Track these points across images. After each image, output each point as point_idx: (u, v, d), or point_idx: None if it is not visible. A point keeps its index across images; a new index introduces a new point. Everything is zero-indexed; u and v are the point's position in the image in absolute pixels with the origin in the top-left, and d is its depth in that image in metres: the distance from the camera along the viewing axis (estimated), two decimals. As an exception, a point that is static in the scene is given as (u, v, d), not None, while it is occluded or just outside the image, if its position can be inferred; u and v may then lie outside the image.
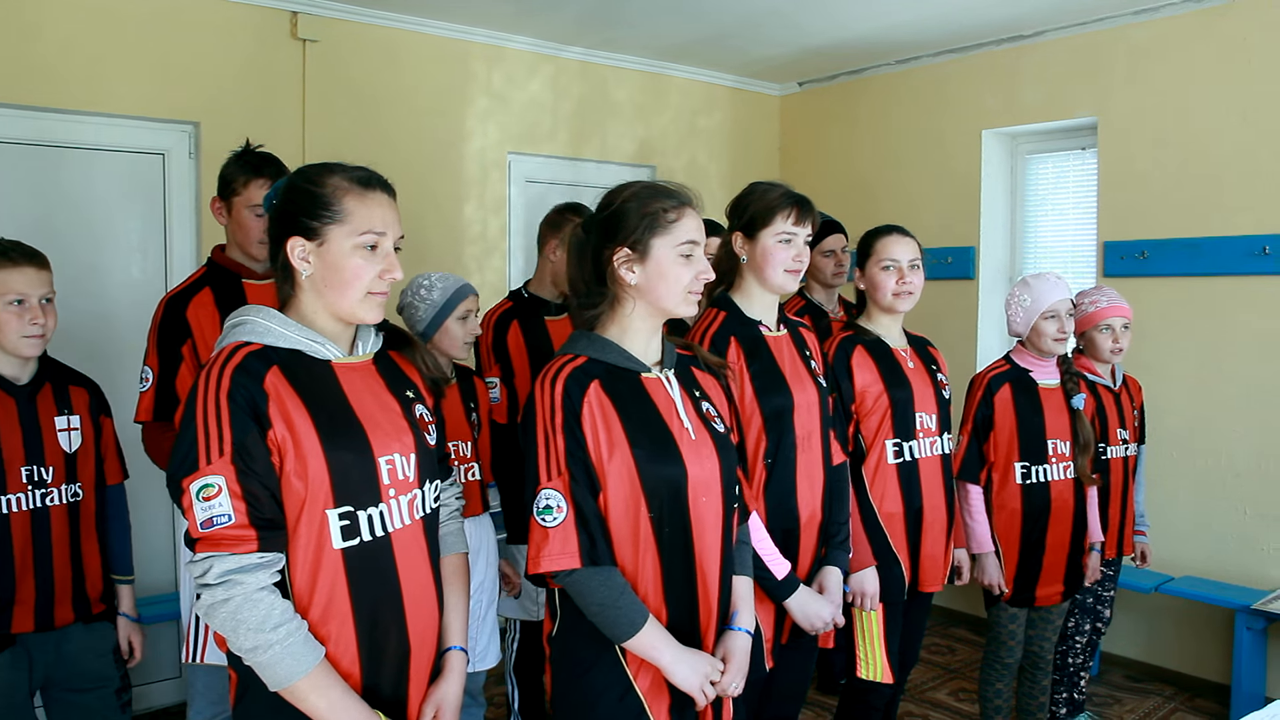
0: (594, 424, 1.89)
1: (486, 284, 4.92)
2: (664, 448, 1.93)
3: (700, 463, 1.96)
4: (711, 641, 1.99)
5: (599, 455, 1.89)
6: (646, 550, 1.91)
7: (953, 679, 4.56)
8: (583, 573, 1.86)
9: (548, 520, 1.86)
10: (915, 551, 2.90)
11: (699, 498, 1.94)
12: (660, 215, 1.96)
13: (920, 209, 5.28)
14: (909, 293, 2.89)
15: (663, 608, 1.92)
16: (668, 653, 1.88)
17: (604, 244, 1.99)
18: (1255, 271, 4.20)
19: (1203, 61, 4.35)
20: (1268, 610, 3.92)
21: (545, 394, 1.91)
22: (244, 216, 2.73)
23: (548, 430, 1.89)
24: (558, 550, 1.85)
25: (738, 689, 2.00)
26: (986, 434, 3.26)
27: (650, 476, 1.90)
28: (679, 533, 1.93)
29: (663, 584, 1.92)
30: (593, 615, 1.88)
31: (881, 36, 5.00)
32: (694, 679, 1.90)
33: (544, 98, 5.13)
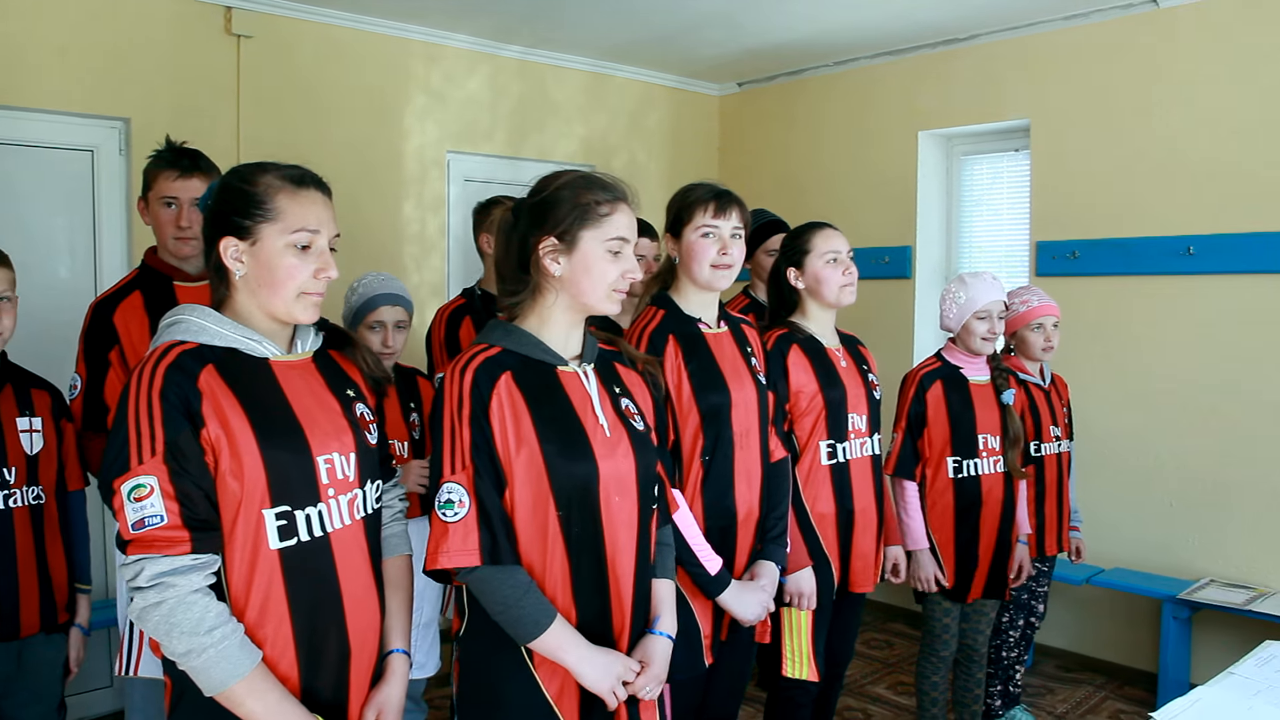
0: (502, 417, 1.84)
1: (425, 283, 4.89)
2: (575, 444, 1.87)
3: (614, 461, 1.91)
4: (627, 644, 1.95)
5: (506, 449, 1.83)
6: (554, 549, 1.85)
7: (891, 673, 4.62)
8: (484, 571, 1.81)
9: (448, 515, 1.80)
10: (846, 552, 2.93)
11: (611, 497, 1.89)
12: (592, 207, 1.91)
13: (857, 209, 5.35)
14: (853, 284, 2.92)
15: (572, 608, 1.87)
16: (575, 653, 1.83)
17: (531, 231, 1.94)
18: (1180, 271, 4.32)
19: (1130, 66, 4.46)
20: (1192, 600, 4.04)
21: (454, 384, 1.86)
22: (157, 210, 2.66)
23: (454, 421, 1.83)
24: (457, 546, 1.79)
25: (652, 694, 1.96)
26: (920, 430, 3.30)
27: (559, 473, 1.85)
28: (589, 532, 1.87)
29: (572, 584, 1.87)
30: (496, 615, 1.82)
31: (819, 38, 5.05)
32: (604, 680, 1.85)
33: (483, 96, 5.11)
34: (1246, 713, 1.98)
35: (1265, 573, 4.15)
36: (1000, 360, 3.46)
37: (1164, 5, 4.33)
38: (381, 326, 3.05)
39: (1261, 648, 2.33)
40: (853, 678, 4.49)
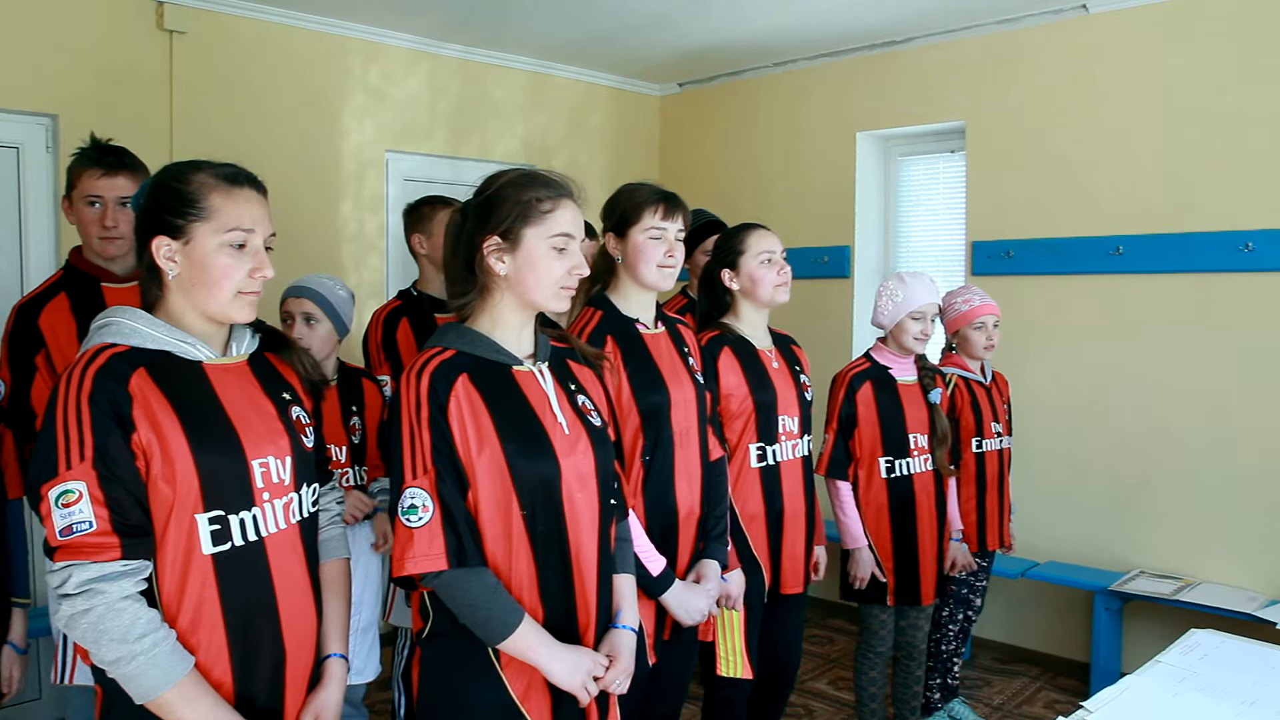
0: (462, 419, 1.83)
1: (364, 284, 4.84)
2: (536, 443, 1.88)
3: (575, 458, 1.91)
4: (593, 640, 1.95)
5: (468, 451, 1.82)
6: (520, 548, 1.85)
7: (832, 668, 4.66)
8: (451, 574, 1.80)
9: (413, 520, 1.79)
10: (776, 554, 2.95)
11: (574, 494, 1.90)
12: (534, 204, 1.91)
13: (796, 208, 5.40)
14: (788, 283, 2.95)
15: (539, 607, 1.87)
16: (544, 651, 1.84)
17: (476, 231, 1.93)
18: (1110, 270, 4.42)
19: (1061, 70, 4.55)
20: (1123, 591, 4.13)
21: (410, 389, 1.84)
22: (81, 210, 2.60)
23: (413, 426, 1.82)
24: (423, 551, 1.78)
25: (622, 687, 1.97)
26: (851, 431, 3.33)
27: (522, 473, 1.85)
28: (553, 530, 1.88)
29: (538, 583, 1.87)
30: (464, 617, 1.82)
31: (758, 39, 5.08)
32: (574, 677, 1.86)
33: (422, 95, 5.07)
34: (1172, 699, 2.03)
35: (1193, 564, 4.26)
36: (927, 359, 3.50)
37: (1094, 11, 4.43)
38: (290, 319, 3.01)
39: (1187, 636, 2.39)
40: (794, 674, 4.54)
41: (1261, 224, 4.03)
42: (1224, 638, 2.40)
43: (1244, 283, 4.09)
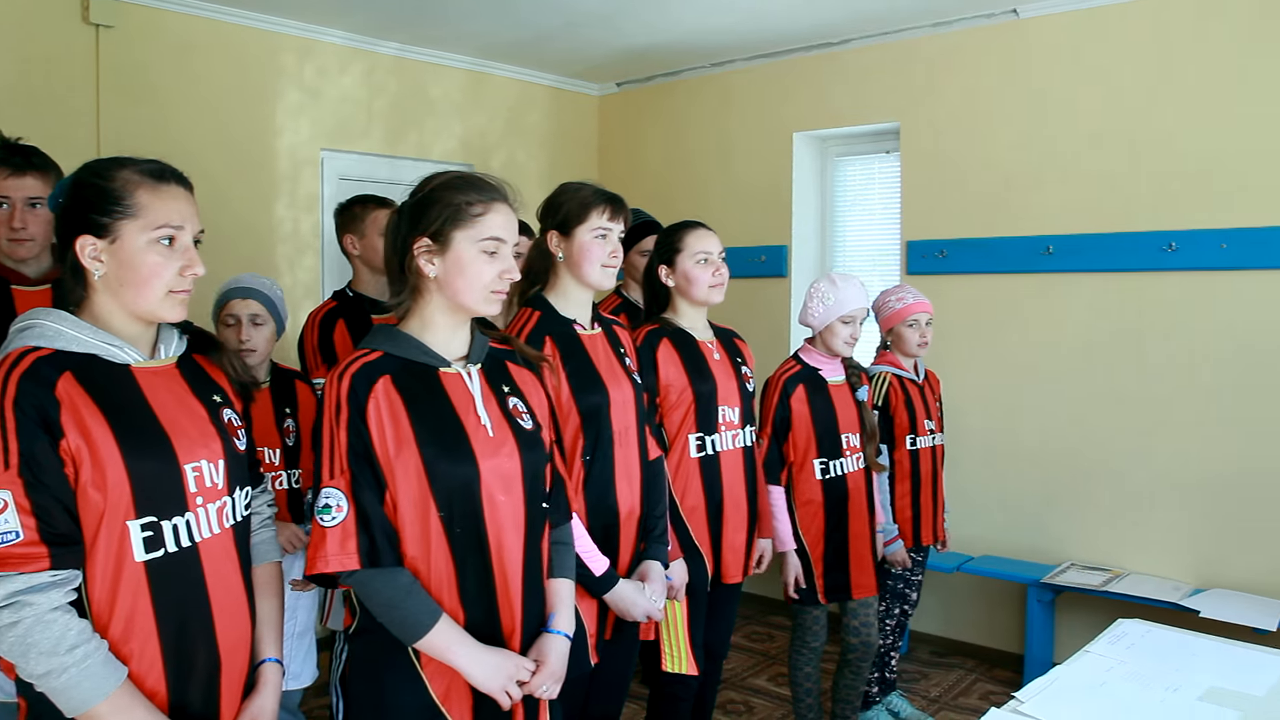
0: (380, 421, 1.83)
1: (299, 284, 4.78)
2: (455, 445, 1.88)
3: (496, 460, 1.91)
4: (519, 644, 1.95)
5: (385, 452, 1.83)
6: (438, 550, 1.85)
7: (772, 665, 4.70)
8: (364, 573, 1.81)
9: (326, 520, 1.80)
10: (717, 543, 2.97)
11: (495, 496, 1.90)
12: (464, 207, 1.91)
13: (734, 208, 5.44)
14: (723, 284, 2.98)
15: (459, 609, 1.87)
16: (463, 653, 1.84)
17: (408, 232, 1.94)
18: (1040, 269, 4.51)
19: (993, 73, 4.64)
20: (1054, 583, 4.22)
21: (333, 390, 1.85)
22: None
23: (332, 427, 1.83)
24: (335, 550, 1.79)
25: (551, 692, 1.97)
26: (785, 434, 3.35)
27: (439, 475, 1.85)
28: (472, 532, 1.88)
29: (457, 585, 1.87)
30: (380, 616, 1.83)
31: (697, 40, 5.11)
32: (493, 680, 1.86)
33: (358, 93, 5.02)
34: (1100, 688, 2.08)
35: (1121, 556, 4.37)
36: (853, 359, 3.54)
37: (1024, 16, 4.52)
38: (235, 321, 2.98)
39: (1114, 626, 2.46)
40: (734, 670, 4.57)
41: (1184, 225, 4.14)
42: (1149, 627, 2.47)
43: (1167, 282, 4.21)
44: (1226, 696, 2.03)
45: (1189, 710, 1.97)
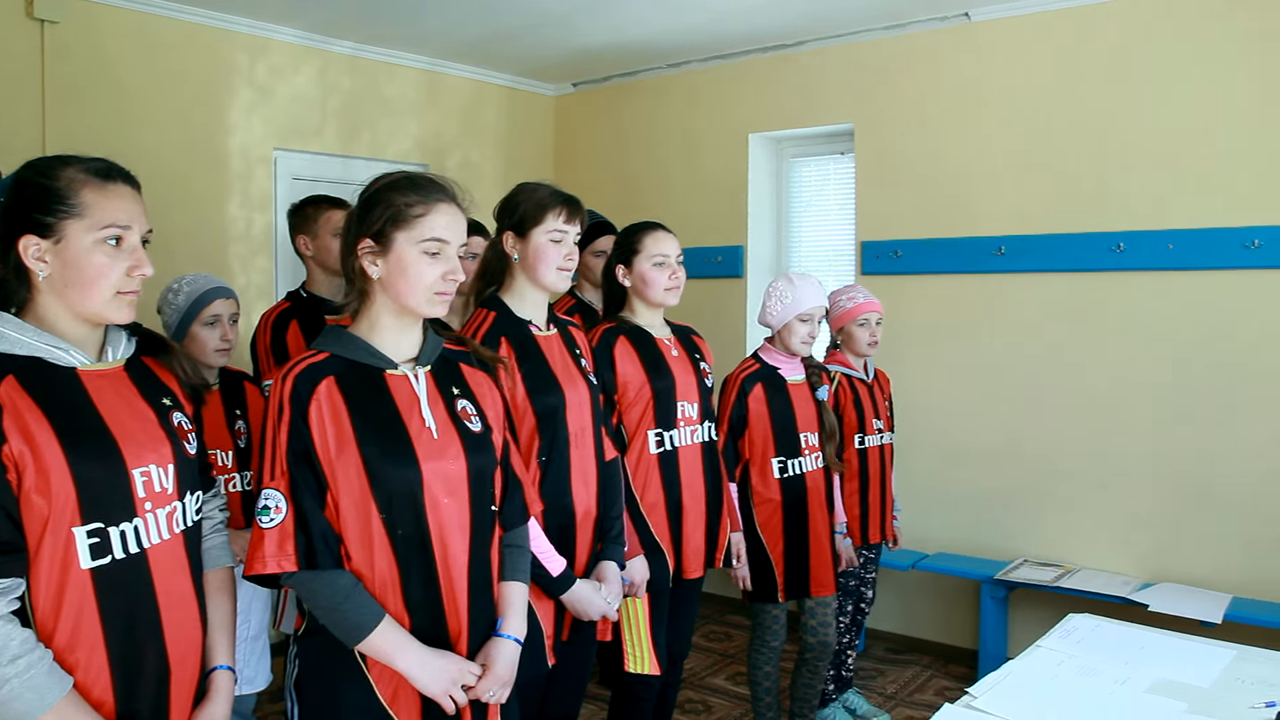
0: (321, 422, 1.83)
1: (252, 285, 4.73)
2: (396, 447, 1.87)
3: (441, 463, 1.90)
4: (466, 648, 1.93)
5: (327, 454, 1.82)
6: (381, 552, 1.84)
7: (730, 664, 4.72)
8: (302, 575, 1.81)
9: (265, 521, 1.80)
10: (678, 540, 2.98)
11: (439, 499, 1.89)
12: (404, 208, 1.90)
13: (690, 209, 5.45)
14: (679, 287, 2.99)
15: (403, 612, 1.86)
16: (406, 655, 1.83)
17: (355, 233, 1.94)
18: (993, 270, 4.57)
19: (945, 75, 4.69)
20: (1007, 579, 4.27)
21: (275, 391, 1.85)
22: None
23: (273, 429, 1.83)
24: (273, 552, 1.79)
25: (499, 697, 1.96)
26: (741, 432, 3.36)
27: (380, 476, 1.84)
28: (416, 535, 1.86)
29: (401, 587, 1.86)
30: (322, 618, 1.83)
31: (652, 41, 5.11)
32: (437, 683, 1.84)
33: (312, 92, 4.97)
34: (1051, 682, 2.11)
35: (1073, 551, 4.43)
36: (813, 358, 3.57)
37: (975, 19, 4.57)
38: (218, 320, 2.97)
39: (1065, 620, 2.50)
40: (693, 670, 4.57)
41: (1131, 226, 4.21)
42: (1099, 621, 2.51)
43: (1116, 281, 4.27)
44: (1173, 688, 2.07)
45: (1137, 702, 2.00)
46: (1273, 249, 3.91)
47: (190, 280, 2.98)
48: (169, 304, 2.96)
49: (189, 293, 2.95)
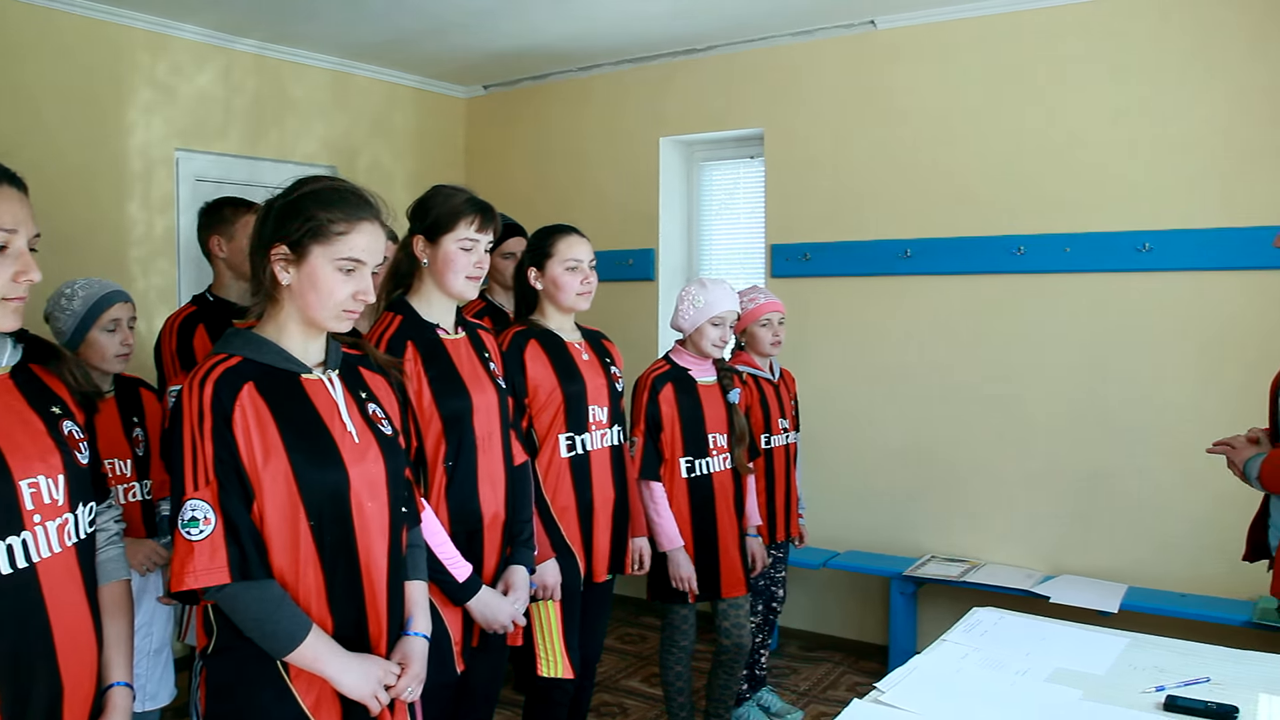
0: (246, 429, 1.79)
1: (153, 288, 4.60)
2: (324, 452, 1.85)
3: (364, 466, 1.90)
4: (385, 648, 1.95)
5: (253, 461, 1.79)
6: (307, 559, 1.83)
7: (644, 666, 4.73)
8: (234, 587, 1.76)
9: (193, 533, 1.75)
10: (588, 543, 2.98)
11: (363, 503, 1.89)
12: (328, 225, 1.87)
13: (602, 212, 5.45)
14: (590, 292, 2.99)
15: (328, 618, 1.85)
16: (333, 662, 1.82)
17: (270, 236, 1.90)
18: (900, 272, 4.67)
19: (853, 81, 4.78)
20: (915, 576, 4.37)
21: (193, 397, 1.79)
22: None
23: (195, 437, 1.77)
24: (204, 565, 1.74)
25: (414, 694, 1.98)
26: (658, 432, 3.38)
27: (309, 483, 1.82)
28: (342, 540, 1.86)
29: (326, 593, 1.85)
30: (249, 630, 1.79)
31: (564, 44, 5.11)
32: (364, 686, 1.85)
33: (215, 91, 4.85)
34: (956, 675, 2.16)
35: (978, 547, 4.54)
36: (724, 360, 3.60)
37: (881, 27, 4.66)
38: (119, 325, 2.90)
39: (969, 615, 2.56)
40: (607, 672, 4.58)
41: (1032, 229, 4.34)
42: (1002, 614, 2.57)
43: (1017, 283, 4.40)
44: (1071, 676, 2.14)
45: (1037, 691, 2.06)
46: (1162, 252, 4.07)
47: (85, 285, 2.89)
48: (63, 310, 2.86)
49: (85, 297, 2.86)
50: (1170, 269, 4.07)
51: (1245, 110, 3.92)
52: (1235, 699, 1.98)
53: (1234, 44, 3.93)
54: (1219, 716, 1.91)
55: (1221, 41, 3.95)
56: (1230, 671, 2.16)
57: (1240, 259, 3.92)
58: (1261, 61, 3.88)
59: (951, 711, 1.97)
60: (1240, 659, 2.26)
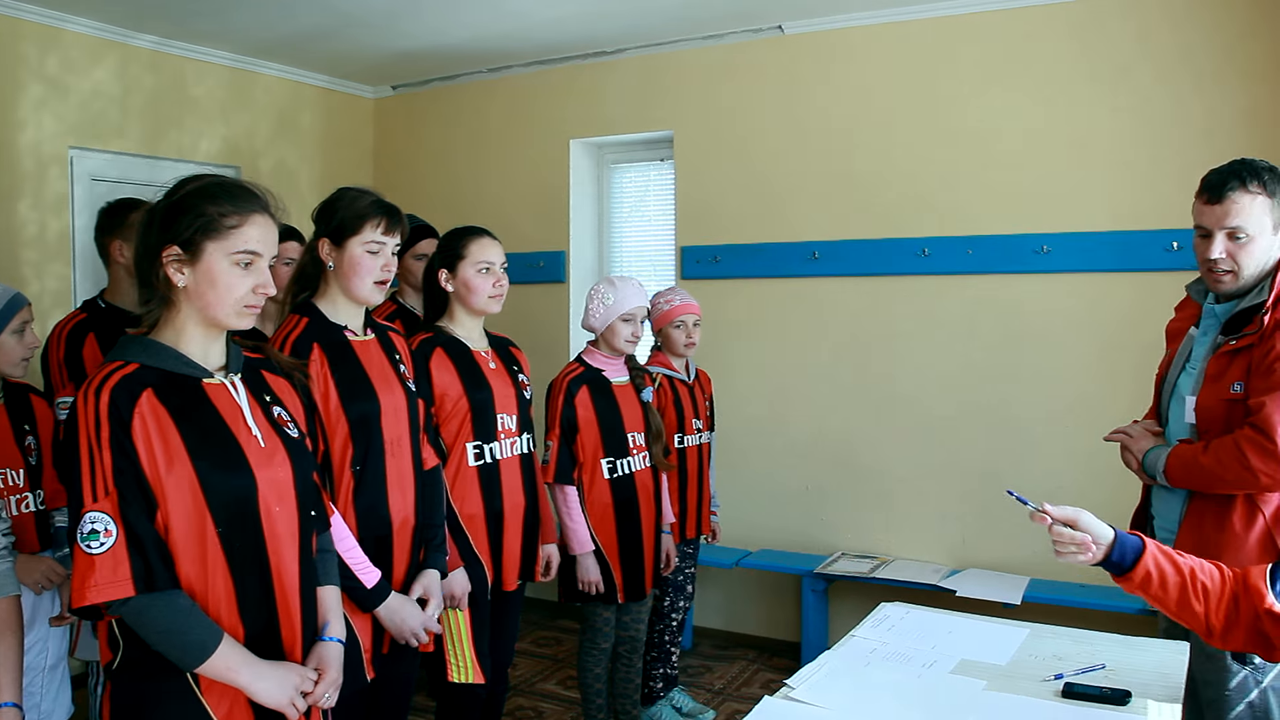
0: (147, 437, 1.74)
1: (48, 292, 4.43)
2: (229, 457, 1.81)
3: (271, 470, 1.87)
4: (300, 655, 1.91)
5: (155, 470, 1.73)
6: (216, 567, 1.78)
7: (560, 669, 4.71)
8: (139, 600, 1.71)
9: (94, 546, 1.68)
10: (497, 552, 2.96)
11: (271, 508, 1.85)
12: (218, 218, 1.83)
13: (513, 214, 5.43)
14: (503, 295, 2.97)
15: (239, 626, 1.81)
16: (248, 671, 1.78)
17: (159, 239, 1.84)
18: (808, 274, 4.73)
19: (761, 85, 4.83)
20: (826, 573, 4.43)
21: (89, 407, 1.72)
22: None
23: (92, 447, 1.71)
24: (107, 578, 1.68)
25: (331, 700, 1.95)
26: (573, 435, 3.39)
27: (215, 489, 1.78)
28: (251, 546, 1.82)
29: (236, 601, 1.81)
30: (157, 643, 1.73)
31: (474, 45, 5.07)
32: (280, 694, 1.81)
33: (111, 88, 4.70)
34: (864, 669, 2.20)
35: (887, 543, 4.63)
36: (636, 360, 3.62)
37: (789, 32, 4.72)
38: (27, 328, 2.82)
39: (877, 610, 2.61)
40: (523, 676, 4.55)
41: (935, 232, 4.44)
42: (909, 609, 2.63)
43: (922, 284, 4.50)
44: (975, 667, 2.19)
45: (942, 683, 2.11)
46: (1060, 254, 4.20)
47: None
48: None
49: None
50: (1068, 270, 4.20)
51: (1138, 119, 4.06)
52: (1128, 684, 2.05)
53: (1128, 55, 4.07)
54: (1112, 701, 1.98)
55: (1114, 52, 4.10)
56: (1124, 658, 2.24)
57: (1134, 261, 4.06)
58: (1153, 72, 4.03)
59: (859, 705, 2.01)
60: (1134, 645, 2.35)
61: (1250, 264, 2.37)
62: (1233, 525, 2.35)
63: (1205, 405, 2.42)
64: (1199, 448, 2.39)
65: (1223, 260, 2.38)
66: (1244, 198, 2.34)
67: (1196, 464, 2.38)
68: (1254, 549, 2.34)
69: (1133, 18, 4.06)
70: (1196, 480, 2.40)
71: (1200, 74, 3.95)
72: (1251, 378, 2.34)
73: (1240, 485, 2.32)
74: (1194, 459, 2.39)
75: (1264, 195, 2.34)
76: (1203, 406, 2.43)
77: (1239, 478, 2.30)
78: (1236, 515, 2.35)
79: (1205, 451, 2.36)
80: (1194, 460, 2.39)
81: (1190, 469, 2.41)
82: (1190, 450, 2.42)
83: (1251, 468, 2.27)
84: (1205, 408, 2.42)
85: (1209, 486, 2.39)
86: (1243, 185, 2.34)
